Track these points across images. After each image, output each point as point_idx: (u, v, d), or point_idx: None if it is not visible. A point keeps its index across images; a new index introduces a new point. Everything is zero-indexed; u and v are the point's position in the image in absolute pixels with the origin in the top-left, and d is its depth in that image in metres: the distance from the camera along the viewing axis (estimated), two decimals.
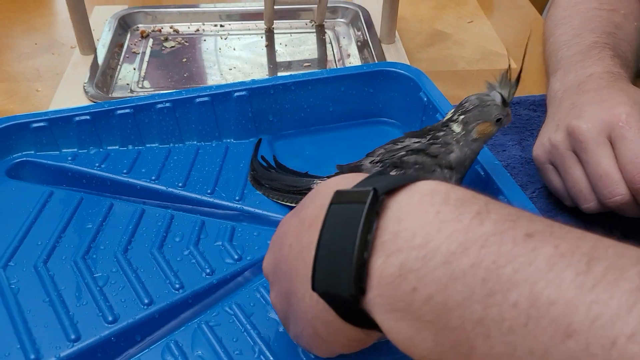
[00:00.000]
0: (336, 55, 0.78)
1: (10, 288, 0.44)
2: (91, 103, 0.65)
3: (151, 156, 0.57)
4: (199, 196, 0.53)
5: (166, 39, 0.81)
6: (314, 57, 0.78)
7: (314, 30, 0.83)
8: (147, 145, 0.58)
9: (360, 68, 0.61)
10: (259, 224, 0.51)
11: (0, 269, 0.45)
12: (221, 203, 0.52)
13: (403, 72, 0.59)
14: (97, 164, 0.55)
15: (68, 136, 0.56)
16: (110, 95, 0.69)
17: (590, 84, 0.53)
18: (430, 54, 0.79)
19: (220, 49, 0.80)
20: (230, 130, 0.59)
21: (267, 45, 0.80)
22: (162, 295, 0.44)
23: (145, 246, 0.48)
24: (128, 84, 0.72)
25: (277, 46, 0.80)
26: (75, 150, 0.57)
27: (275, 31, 0.83)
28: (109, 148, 0.58)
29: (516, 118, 0.64)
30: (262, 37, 0.82)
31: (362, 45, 0.79)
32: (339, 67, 0.74)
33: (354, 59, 0.77)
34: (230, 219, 0.52)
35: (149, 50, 0.79)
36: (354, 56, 0.77)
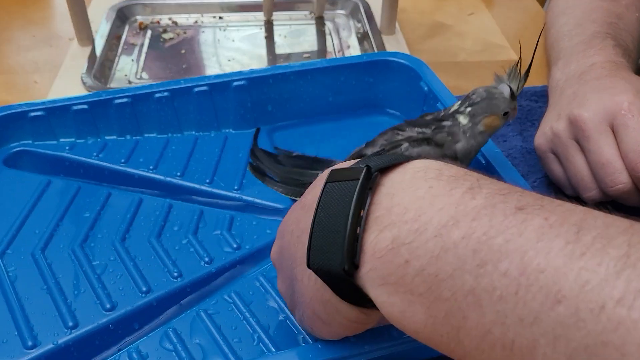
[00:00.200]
0: (336, 46, 0.77)
1: (7, 276, 0.44)
2: (89, 92, 0.65)
3: (149, 146, 0.57)
4: (197, 186, 0.52)
5: (164, 31, 0.81)
6: (314, 49, 0.77)
7: (314, 22, 0.83)
8: (145, 135, 0.58)
9: (360, 58, 0.61)
10: (258, 213, 0.51)
11: None
12: (220, 192, 0.52)
13: (403, 62, 0.59)
14: (95, 154, 0.55)
15: (66, 125, 0.56)
16: (108, 86, 0.69)
17: (592, 73, 0.53)
18: (430, 46, 0.79)
19: (219, 40, 0.79)
20: (229, 120, 0.59)
21: (267, 37, 0.80)
22: (161, 284, 0.44)
23: (143, 235, 0.48)
24: (126, 75, 0.72)
25: (277, 38, 0.80)
26: (73, 139, 0.56)
27: (274, 23, 0.83)
28: (106, 138, 0.57)
29: (518, 108, 0.64)
30: (262, 29, 0.81)
31: (362, 36, 0.78)
32: (338, 57, 0.74)
33: (354, 51, 0.76)
34: (229, 208, 0.51)
35: (147, 42, 0.78)
36: (354, 48, 0.77)
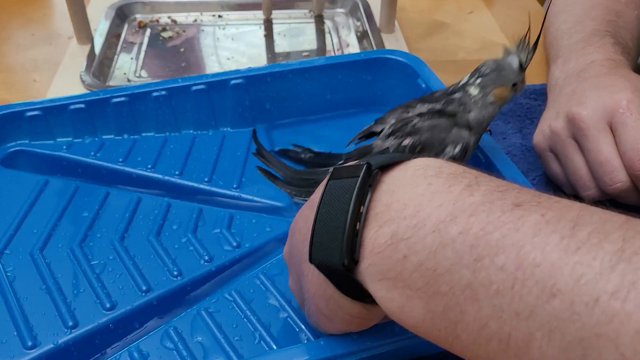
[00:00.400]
0: (335, 45, 0.77)
1: (6, 276, 0.43)
2: (87, 91, 0.65)
3: (147, 145, 0.56)
4: (196, 184, 0.52)
5: (164, 29, 0.80)
6: (313, 48, 0.77)
7: (313, 21, 0.83)
8: (143, 134, 0.58)
9: (358, 56, 0.61)
10: (257, 211, 0.51)
11: None
12: (219, 191, 0.52)
13: (401, 60, 0.59)
14: (93, 153, 0.55)
15: (63, 125, 0.55)
16: (107, 84, 0.69)
17: (591, 71, 0.53)
18: (430, 44, 0.79)
19: (218, 39, 0.79)
20: (226, 119, 0.59)
21: (266, 36, 0.80)
22: (160, 283, 0.44)
23: (142, 234, 0.48)
24: (125, 73, 0.72)
25: (276, 36, 0.80)
26: (70, 139, 0.56)
27: (273, 21, 0.83)
28: (104, 137, 0.57)
29: (517, 106, 0.64)
30: (261, 27, 0.81)
31: (362, 35, 0.78)
32: (336, 55, 0.74)
33: (354, 49, 0.76)
34: (228, 206, 0.51)
35: (146, 40, 0.78)
36: (354, 46, 0.77)
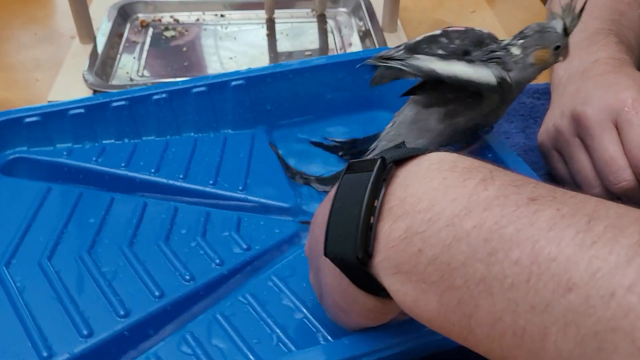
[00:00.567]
0: (338, 44, 0.77)
1: (15, 286, 0.43)
2: (88, 94, 0.65)
3: (148, 149, 0.56)
4: (201, 187, 0.52)
5: (166, 29, 0.80)
6: (315, 47, 0.77)
7: (315, 20, 0.83)
8: (144, 138, 0.57)
9: (357, 54, 0.61)
10: (265, 213, 0.51)
11: (3, 267, 0.44)
12: (225, 194, 0.51)
13: None
14: (94, 158, 0.54)
15: (62, 130, 0.55)
16: (110, 83, 0.69)
17: (595, 69, 0.53)
18: None
19: (220, 38, 0.79)
20: (227, 121, 0.59)
21: (268, 35, 0.80)
22: (173, 288, 0.43)
23: (151, 239, 0.47)
24: (128, 72, 0.71)
25: (278, 35, 0.80)
26: (70, 145, 0.55)
27: (276, 20, 0.82)
28: (104, 142, 0.56)
29: (520, 106, 0.65)
30: (263, 27, 0.81)
31: (364, 34, 0.78)
32: (336, 54, 0.74)
33: (356, 48, 0.76)
34: (235, 209, 0.51)
35: (148, 39, 0.78)
36: (356, 46, 0.77)
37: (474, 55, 0.46)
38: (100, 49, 0.73)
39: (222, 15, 0.83)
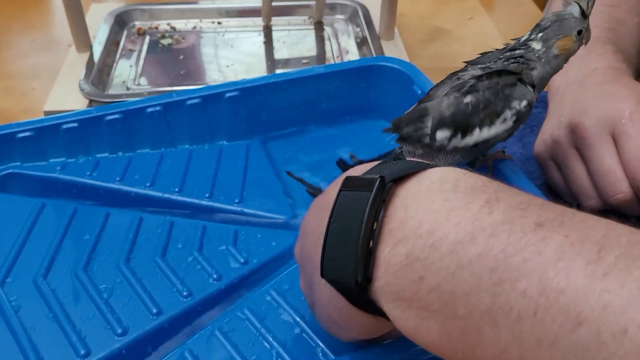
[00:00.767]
0: (335, 52, 0.77)
1: (10, 305, 0.42)
2: (84, 104, 0.65)
3: (143, 162, 0.55)
4: (197, 201, 0.52)
5: (163, 37, 0.80)
6: (313, 54, 0.77)
7: (313, 27, 0.83)
8: (138, 151, 0.57)
9: (352, 64, 0.61)
10: (262, 225, 0.50)
11: None
12: (221, 207, 0.51)
13: (396, 67, 0.59)
14: (88, 173, 0.53)
15: (56, 145, 0.54)
16: (106, 92, 0.68)
17: (593, 79, 0.53)
18: (430, 51, 0.79)
19: (217, 46, 0.79)
20: (223, 132, 0.58)
21: (265, 42, 0.79)
22: (171, 304, 0.43)
23: (148, 255, 0.47)
24: (124, 81, 0.71)
25: (275, 43, 0.79)
26: (64, 159, 0.55)
27: (273, 28, 0.82)
28: (98, 155, 0.56)
29: None
30: (260, 34, 0.81)
31: (361, 42, 0.78)
32: (330, 64, 0.74)
33: (353, 56, 0.76)
34: (232, 222, 0.50)
35: (145, 47, 0.78)
36: (353, 53, 0.77)
37: (495, 62, 0.45)
38: (96, 57, 0.72)
39: (219, 23, 0.83)
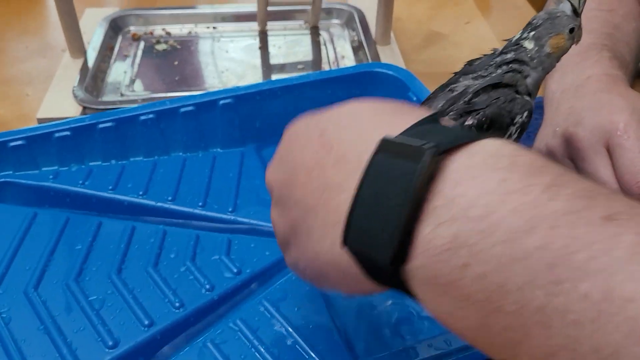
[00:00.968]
0: (331, 57, 0.77)
1: (1, 317, 0.42)
2: (78, 111, 0.64)
3: (136, 170, 0.55)
4: (190, 209, 0.51)
5: (158, 42, 0.79)
6: (309, 60, 0.77)
7: (309, 32, 0.82)
8: (131, 159, 0.56)
9: (346, 70, 0.60)
10: (255, 234, 0.50)
11: None
12: (214, 215, 0.51)
13: (390, 73, 0.59)
14: (81, 182, 0.53)
15: (48, 153, 0.54)
16: (100, 99, 0.68)
17: (588, 87, 0.53)
18: (426, 56, 0.79)
19: (212, 51, 0.78)
20: (216, 140, 0.58)
21: (261, 48, 0.79)
22: (163, 315, 0.42)
23: (140, 265, 0.47)
24: (118, 87, 0.71)
25: (271, 48, 0.79)
26: (56, 168, 0.55)
27: (269, 33, 0.82)
28: (91, 164, 0.55)
29: None
30: (256, 39, 0.81)
31: (358, 47, 0.78)
32: (324, 70, 0.73)
33: (349, 61, 0.76)
34: (225, 231, 0.50)
35: (140, 53, 0.77)
36: (349, 58, 0.76)
37: (486, 70, 0.44)
38: (90, 63, 0.72)
39: (215, 28, 0.83)
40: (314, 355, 0.41)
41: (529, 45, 0.43)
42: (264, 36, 0.81)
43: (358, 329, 0.43)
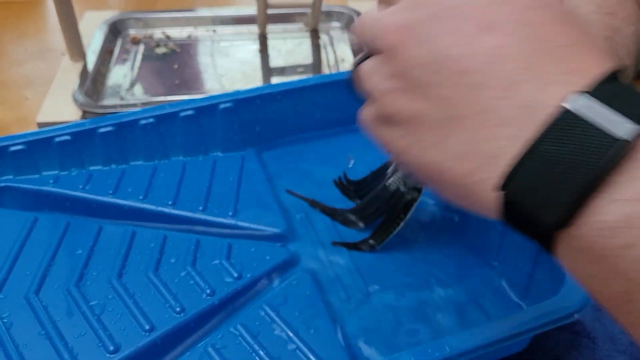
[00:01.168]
0: (331, 60, 0.77)
1: (2, 322, 0.42)
2: (78, 114, 0.65)
3: (136, 174, 0.55)
4: (190, 214, 0.51)
5: (157, 45, 0.80)
6: (308, 63, 0.77)
7: (309, 35, 0.82)
8: (131, 164, 0.56)
9: (347, 74, 0.60)
10: (256, 239, 0.50)
11: None
12: (215, 220, 0.51)
13: None
14: (81, 186, 0.53)
15: (49, 158, 0.54)
16: (99, 103, 0.68)
17: None
18: None
19: (212, 54, 0.78)
20: (216, 144, 0.58)
21: (261, 51, 0.79)
22: (163, 320, 0.42)
23: (140, 270, 0.47)
24: (118, 91, 0.71)
25: (271, 51, 0.79)
26: (56, 172, 0.55)
27: (268, 36, 0.82)
28: (91, 168, 0.56)
29: None
30: (256, 42, 0.81)
31: (358, 49, 0.78)
32: (324, 74, 0.73)
33: (349, 64, 0.76)
34: (226, 236, 0.50)
35: (139, 56, 0.78)
36: (349, 61, 0.77)
37: None
38: (90, 66, 0.72)
39: (214, 31, 0.83)
40: None
41: None
42: (263, 39, 0.81)
43: (359, 333, 0.43)
